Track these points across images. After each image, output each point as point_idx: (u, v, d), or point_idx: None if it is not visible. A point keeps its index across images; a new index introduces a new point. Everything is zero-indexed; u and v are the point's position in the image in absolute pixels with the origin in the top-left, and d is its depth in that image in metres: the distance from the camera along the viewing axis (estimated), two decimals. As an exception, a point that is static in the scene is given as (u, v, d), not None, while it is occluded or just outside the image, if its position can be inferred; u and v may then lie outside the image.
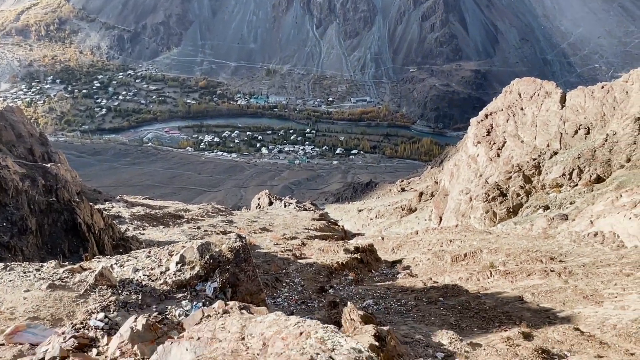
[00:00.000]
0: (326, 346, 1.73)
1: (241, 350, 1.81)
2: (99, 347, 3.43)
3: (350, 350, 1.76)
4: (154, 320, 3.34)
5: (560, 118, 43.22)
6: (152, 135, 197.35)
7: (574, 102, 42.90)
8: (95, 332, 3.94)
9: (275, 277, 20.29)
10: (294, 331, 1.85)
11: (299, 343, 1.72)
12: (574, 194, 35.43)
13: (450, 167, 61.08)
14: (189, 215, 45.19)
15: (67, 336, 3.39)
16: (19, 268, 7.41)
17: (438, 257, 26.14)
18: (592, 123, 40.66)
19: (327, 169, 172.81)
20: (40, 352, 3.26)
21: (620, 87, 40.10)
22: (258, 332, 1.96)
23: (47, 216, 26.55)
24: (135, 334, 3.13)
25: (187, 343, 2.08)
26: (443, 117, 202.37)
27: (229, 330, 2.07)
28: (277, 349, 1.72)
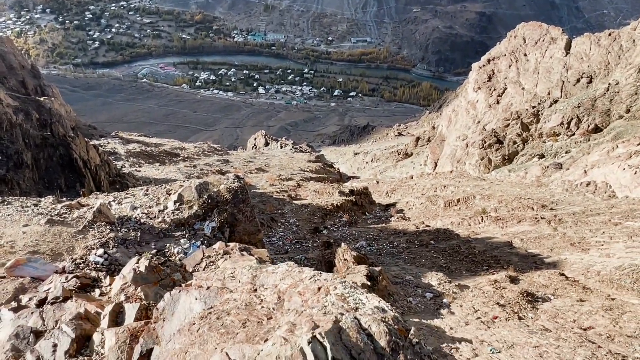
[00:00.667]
0: (349, 305, 1.71)
1: (255, 303, 1.80)
2: (102, 287, 3.51)
3: (374, 309, 1.75)
4: (157, 262, 3.39)
5: (564, 65, 42.43)
6: (147, 71, 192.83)
7: (579, 49, 41.94)
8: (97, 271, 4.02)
9: (271, 217, 20.62)
10: (311, 286, 1.83)
11: (319, 300, 1.69)
12: (570, 143, 35.46)
13: (448, 113, 60.58)
14: (185, 153, 45.16)
15: (69, 276, 3.44)
16: (17, 202, 7.46)
17: (431, 201, 26.51)
18: (595, 72, 39.98)
19: (324, 110, 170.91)
20: (43, 292, 3.33)
21: (628, 35, 39.09)
22: (271, 284, 1.96)
23: (43, 151, 26.46)
24: (138, 275, 3.19)
25: (196, 292, 2.09)
26: (444, 61, 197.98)
27: (239, 280, 2.07)
28: (295, 305, 1.70)
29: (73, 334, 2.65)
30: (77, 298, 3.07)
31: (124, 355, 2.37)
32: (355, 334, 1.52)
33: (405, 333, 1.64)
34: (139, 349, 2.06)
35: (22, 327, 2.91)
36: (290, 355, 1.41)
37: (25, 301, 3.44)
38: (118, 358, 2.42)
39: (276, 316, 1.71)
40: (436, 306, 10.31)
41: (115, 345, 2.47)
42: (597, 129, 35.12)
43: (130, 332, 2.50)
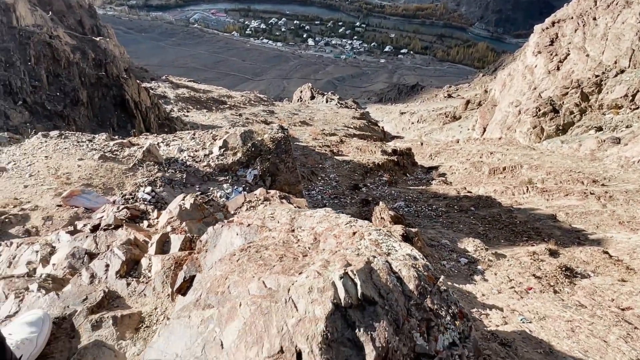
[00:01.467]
0: (381, 249, 1.78)
1: (292, 242, 1.90)
2: (149, 219, 3.72)
3: (405, 256, 1.81)
4: (201, 201, 3.55)
5: (636, 33, 39.32)
6: (199, 16, 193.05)
7: (656, 15, 38.66)
8: (145, 205, 4.24)
9: (311, 171, 20.78)
10: (346, 230, 1.91)
11: (353, 243, 1.77)
12: (632, 117, 33.37)
13: (503, 77, 57.96)
14: (231, 101, 45.64)
15: (120, 206, 3.67)
16: (73, 137, 7.85)
17: (476, 167, 25.92)
18: (671, 41, 36.93)
19: (373, 66, 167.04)
20: (96, 219, 3.56)
21: None
22: (308, 226, 2.04)
23: (97, 90, 27.39)
24: (184, 211, 3.36)
25: (238, 228, 2.22)
26: (505, 21, 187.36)
27: (278, 221, 2.17)
28: (330, 246, 1.79)
29: (124, 256, 2.90)
30: (127, 227, 3.29)
31: (169, 280, 2.60)
32: (386, 275, 1.61)
33: (434, 280, 1.72)
34: (182, 275, 2.26)
35: (78, 248, 3.18)
36: (322, 287, 1.51)
37: (80, 227, 3.71)
38: (163, 282, 2.67)
39: (311, 254, 1.82)
40: (470, 272, 10.28)
41: (161, 270, 2.70)
42: (665, 104, 32.84)
43: (175, 260, 2.73)
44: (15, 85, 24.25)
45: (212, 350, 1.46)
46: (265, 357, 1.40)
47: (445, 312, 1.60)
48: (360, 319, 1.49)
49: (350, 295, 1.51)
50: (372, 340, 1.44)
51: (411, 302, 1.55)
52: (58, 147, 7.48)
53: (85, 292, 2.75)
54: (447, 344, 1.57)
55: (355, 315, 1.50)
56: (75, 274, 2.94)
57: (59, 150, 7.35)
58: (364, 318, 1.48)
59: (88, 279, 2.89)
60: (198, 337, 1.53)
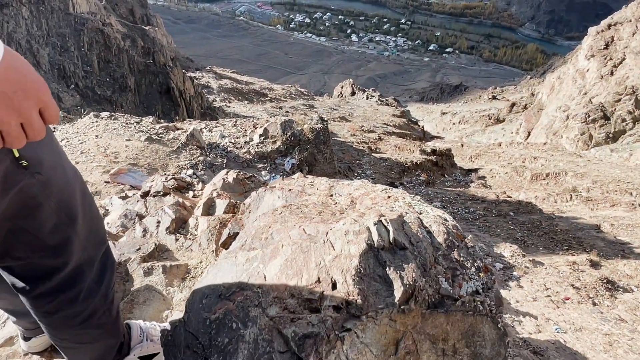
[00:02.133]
0: (414, 209, 1.92)
1: (330, 204, 2.01)
2: (195, 190, 3.88)
3: (436, 216, 1.95)
4: (243, 176, 3.67)
5: (700, 39, 37.23)
6: (245, 8, 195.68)
7: None
8: (191, 179, 4.40)
9: (348, 167, 20.76)
10: (382, 194, 2.02)
11: (388, 203, 1.92)
12: (690, 128, 31.70)
13: (552, 80, 56.05)
14: (272, 94, 46.10)
15: (168, 176, 3.84)
16: (122, 119, 8.16)
17: (517, 172, 25.25)
18: None
19: (416, 65, 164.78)
20: (147, 187, 3.73)
21: None
22: (346, 193, 2.15)
23: (145, 77, 28.26)
24: (227, 185, 3.49)
25: (279, 192, 2.32)
26: (557, 22, 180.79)
27: (317, 188, 2.28)
28: (365, 205, 1.96)
29: (173, 215, 3.13)
30: (174, 194, 3.46)
31: (214, 237, 2.83)
32: (416, 227, 1.77)
33: (462, 238, 1.85)
34: (227, 232, 2.45)
35: (130, 210, 3.39)
36: (357, 230, 1.69)
37: (130, 195, 3.90)
38: (208, 239, 2.89)
39: (348, 212, 2.00)
40: (505, 277, 10.05)
41: (207, 229, 2.93)
42: None
43: (220, 220, 2.95)
44: (69, 70, 25.33)
45: (256, 281, 1.66)
46: (305, 285, 1.58)
47: (470, 264, 1.78)
48: (390, 260, 1.64)
49: (382, 239, 1.67)
50: (400, 278, 1.60)
51: (439, 252, 1.73)
52: (108, 128, 7.80)
53: (138, 244, 3.04)
54: (471, 291, 1.71)
55: (386, 256, 1.65)
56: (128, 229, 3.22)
57: (108, 131, 7.67)
58: (395, 260, 1.65)
59: (141, 232, 3.19)
60: (243, 272, 1.72)
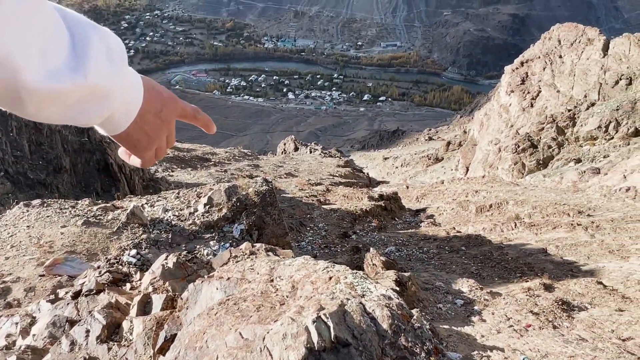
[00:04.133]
0: (356, 292, 1.80)
1: (270, 292, 1.89)
2: (132, 282, 3.64)
3: (380, 296, 1.83)
4: (184, 259, 3.49)
5: (601, 67, 41.14)
6: (180, 77, 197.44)
7: (618, 50, 40.61)
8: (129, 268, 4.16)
9: (300, 222, 20.67)
10: (323, 275, 1.92)
11: (329, 287, 1.80)
12: (608, 147, 34.29)
13: (480, 117, 59.58)
14: (216, 158, 45.84)
15: (102, 270, 3.59)
16: (56, 205, 7.76)
17: (462, 207, 26.07)
18: (635, 73, 38.61)
19: (353, 115, 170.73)
20: (78, 285, 3.47)
21: (670, 34, 37.66)
22: (287, 275, 2.05)
23: (80, 155, 27.37)
24: (167, 271, 3.30)
25: (217, 282, 2.19)
26: (476, 64, 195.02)
27: (258, 272, 2.16)
28: (306, 292, 1.81)
29: (104, 321, 2.85)
30: (109, 291, 3.21)
31: (150, 341, 2.57)
32: (359, 317, 1.63)
33: (408, 318, 1.74)
34: (163, 334, 2.22)
35: (59, 317, 3.10)
36: (296, 332, 1.53)
37: (62, 295, 3.61)
38: (145, 343, 2.63)
39: (288, 302, 1.84)
40: (467, 313, 10.10)
41: (142, 331, 2.67)
42: (638, 132, 33.88)
43: (157, 320, 2.69)
44: (-3, 157, 24.15)
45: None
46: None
47: (419, 349, 1.66)
48: (334, 362, 1.47)
49: (323, 339, 1.55)
50: (346, 382, 1.44)
51: (385, 341, 1.60)
52: (40, 216, 7.38)
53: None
54: (425, 381, 1.57)
55: (329, 358, 1.52)
56: (55, 343, 2.87)
57: (41, 219, 7.25)
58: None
59: (68, 346, 2.82)
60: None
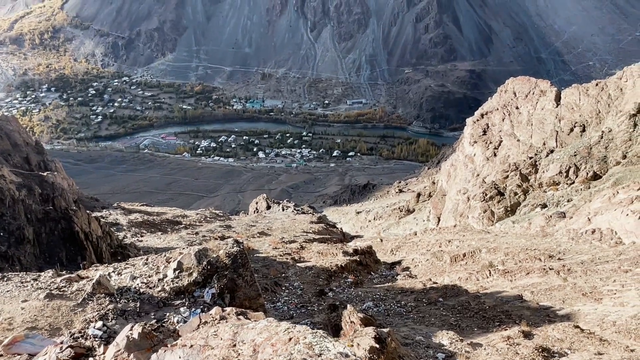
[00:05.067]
0: (313, 351, 1.77)
1: (232, 357, 1.83)
2: (95, 356, 3.43)
3: (337, 355, 1.79)
4: (150, 329, 3.33)
5: (556, 116, 43.35)
6: (149, 141, 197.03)
7: (569, 100, 43.04)
8: (93, 342, 3.93)
9: (275, 282, 20.24)
10: (283, 337, 1.88)
11: (287, 349, 1.76)
12: (571, 191, 35.51)
13: (447, 168, 61.16)
14: (186, 221, 45.07)
15: (63, 346, 3.38)
16: (17, 278, 7.37)
17: (437, 257, 26.14)
18: (587, 120, 40.78)
19: (324, 171, 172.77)
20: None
21: (615, 84, 40.26)
22: (249, 339, 1.99)
23: (45, 225, 26.45)
24: (132, 342, 3.13)
25: (180, 351, 2.09)
26: (439, 117, 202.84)
27: (221, 338, 2.09)
28: (266, 355, 1.77)
29: None
30: None
31: None
32: None
33: None
34: None
35: None
36: None
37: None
38: None
39: None
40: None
41: None
42: (596, 176, 35.30)
43: None
44: (-45, 230, 23.09)
45: None
46: None
47: None
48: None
49: None
50: None
51: None
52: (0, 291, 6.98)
53: None
54: None
55: None
56: None
57: (0, 295, 6.85)
58: None
59: None
60: None
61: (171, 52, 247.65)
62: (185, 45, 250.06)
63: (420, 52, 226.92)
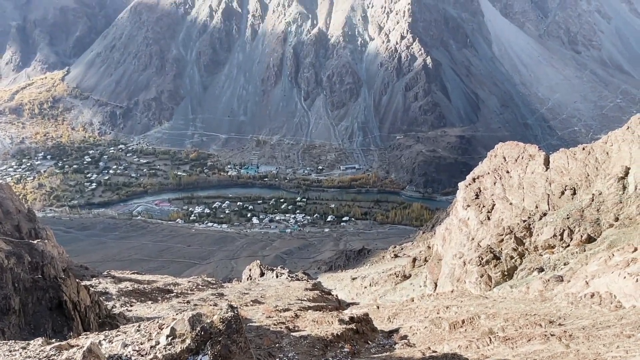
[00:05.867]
0: None
1: None
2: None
3: None
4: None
5: (546, 179, 44.07)
6: (142, 208, 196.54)
7: (558, 163, 43.97)
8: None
9: (268, 352, 19.49)
10: None
11: None
12: (567, 254, 35.36)
13: (442, 232, 61.07)
14: (178, 289, 44.04)
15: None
16: (5, 347, 7.10)
17: (435, 324, 25.45)
18: (577, 184, 41.46)
19: (318, 237, 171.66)
20: None
21: (601, 148, 41.36)
22: None
23: (32, 294, 25.73)
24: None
25: None
26: (432, 182, 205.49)
27: None
28: None
29: None
30: None
31: None
32: None
33: None
34: None
35: None
36: None
37: None
38: None
39: None
40: None
41: None
42: (591, 238, 35.33)
43: None
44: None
45: None
46: None
47: None
48: None
49: None
50: None
51: None
52: (-18, 363, 6.69)
53: None
54: None
55: None
56: None
57: (-18, 367, 6.57)
58: None
59: None
60: None
61: (168, 121, 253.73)
62: (182, 113, 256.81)
63: (410, 119, 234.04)
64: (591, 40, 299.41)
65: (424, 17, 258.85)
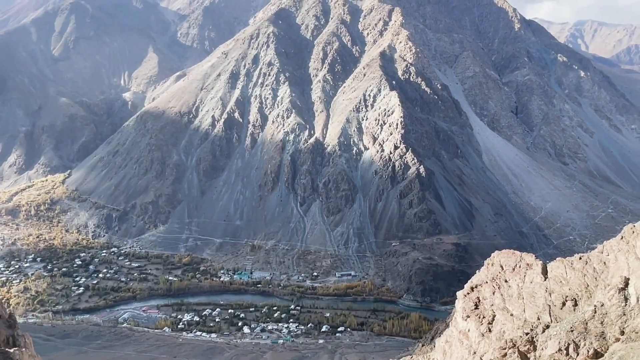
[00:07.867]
0: None
1: None
2: None
3: None
4: None
5: (546, 289, 43.02)
6: (129, 315, 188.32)
7: (556, 273, 43.24)
8: None
9: None
10: None
11: None
12: (574, 371, 33.33)
13: (442, 344, 58.11)
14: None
15: None
16: None
17: None
18: (577, 294, 40.41)
19: (312, 348, 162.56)
20: None
21: (597, 258, 40.98)
22: None
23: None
24: None
25: None
26: (429, 290, 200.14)
27: None
28: None
29: None
30: None
31: None
32: None
33: None
34: None
35: None
36: None
37: None
38: None
39: None
40: None
41: None
42: (598, 354, 33.59)
43: None
44: None
45: None
46: None
47: None
48: None
49: None
50: None
51: None
52: None
53: None
54: None
55: None
56: None
57: None
58: None
59: None
60: None
61: (163, 224, 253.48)
62: (178, 217, 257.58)
63: (406, 225, 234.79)
64: (577, 153, 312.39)
65: (415, 129, 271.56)
